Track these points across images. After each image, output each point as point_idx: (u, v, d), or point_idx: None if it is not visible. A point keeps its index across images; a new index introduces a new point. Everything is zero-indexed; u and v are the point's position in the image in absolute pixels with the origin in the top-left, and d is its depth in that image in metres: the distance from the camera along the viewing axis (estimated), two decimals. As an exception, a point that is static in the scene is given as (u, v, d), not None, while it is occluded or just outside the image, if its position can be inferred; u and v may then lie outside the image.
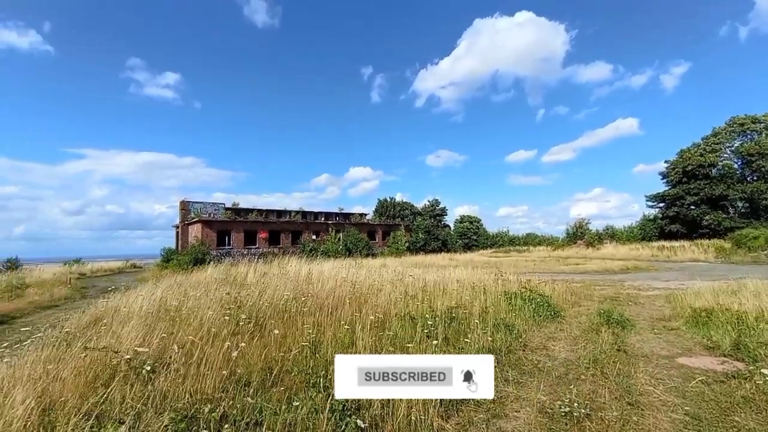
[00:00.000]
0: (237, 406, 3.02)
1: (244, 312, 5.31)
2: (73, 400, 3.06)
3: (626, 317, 7.05)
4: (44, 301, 12.38)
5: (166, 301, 6.71)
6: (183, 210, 34.75)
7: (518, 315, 6.85)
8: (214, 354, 3.80)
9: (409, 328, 5.20)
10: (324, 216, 42.14)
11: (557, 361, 4.83)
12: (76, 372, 3.54)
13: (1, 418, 2.78)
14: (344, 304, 6.03)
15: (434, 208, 52.69)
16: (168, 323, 5.21)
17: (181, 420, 2.61)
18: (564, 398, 3.44)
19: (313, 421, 2.81)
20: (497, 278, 9.91)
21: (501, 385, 3.98)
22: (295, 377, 3.53)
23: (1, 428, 2.69)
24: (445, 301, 6.71)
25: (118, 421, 2.60)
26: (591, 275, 17.47)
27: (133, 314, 5.82)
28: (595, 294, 10.73)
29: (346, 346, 4.39)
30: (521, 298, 7.72)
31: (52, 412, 2.99)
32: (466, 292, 7.89)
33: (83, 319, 6.28)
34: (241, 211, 35.87)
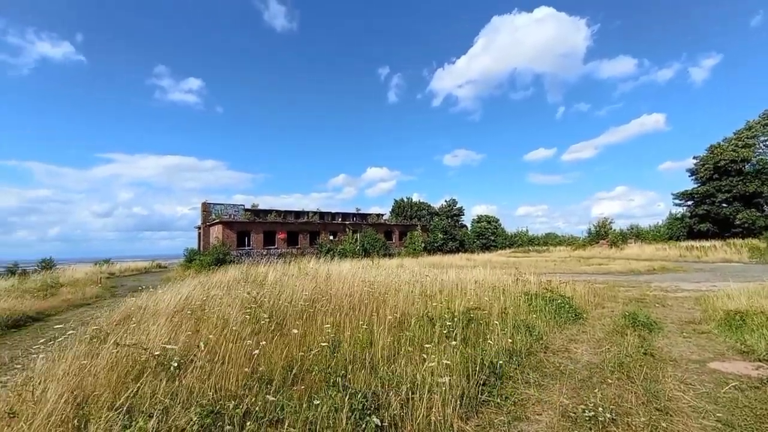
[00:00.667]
0: (259, 404, 3.09)
1: (265, 311, 5.42)
2: (106, 394, 3.21)
3: (653, 320, 6.81)
4: (77, 300, 12.97)
5: (190, 300, 6.92)
6: (204, 211, 35.73)
7: (539, 316, 6.72)
8: (236, 352, 3.90)
9: (428, 328, 5.19)
10: (341, 216, 42.46)
11: (580, 364, 4.72)
12: (109, 367, 3.71)
13: (38, 411, 2.94)
14: (362, 305, 6.07)
15: (451, 208, 52.29)
16: (192, 322, 5.38)
17: (206, 415, 2.69)
18: (588, 402, 3.36)
19: (333, 420, 2.85)
20: (516, 279, 9.75)
21: (522, 387, 3.93)
22: (315, 376, 3.58)
23: (39, 421, 2.84)
24: (464, 301, 6.65)
25: (148, 414, 2.71)
26: (615, 276, 16.94)
27: (160, 313, 6.03)
28: (620, 295, 10.40)
29: (364, 346, 4.42)
30: (542, 299, 7.57)
31: (85, 406, 3.15)
32: (484, 293, 7.79)
33: (114, 316, 6.55)
34: (260, 213, 36.58)
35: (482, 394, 3.65)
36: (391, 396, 3.19)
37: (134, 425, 2.56)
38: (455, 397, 3.28)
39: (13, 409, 3.10)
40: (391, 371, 3.70)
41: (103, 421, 2.65)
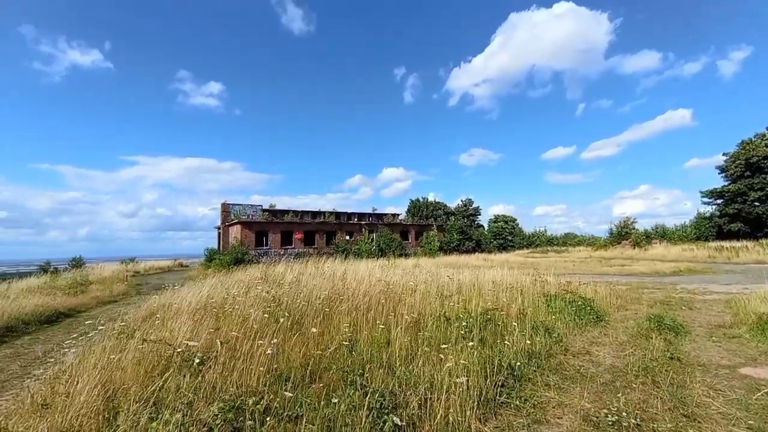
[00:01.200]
0: (278, 400, 3.14)
1: (283, 310, 5.50)
2: (134, 387, 3.33)
3: (680, 323, 6.57)
4: (105, 297, 13.51)
5: (211, 298, 7.10)
6: (224, 212, 36.56)
7: (558, 318, 6.59)
8: (256, 350, 3.98)
9: (444, 328, 5.16)
10: (357, 216, 42.67)
11: (602, 368, 4.60)
12: (136, 362, 3.85)
13: (70, 403, 3.09)
14: (379, 304, 6.09)
15: (467, 208, 51.79)
16: (213, 319, 5.52)
17: (229, 410, 2.76)
18: (611, 407, 3.28)
19: (351, 418, 2.88)
20: (535, 279, 9.58)
21: (541, 390, 3.86)
22: (333, 375, 3.62)
23: (71, 413, 2.98)
24: (481, 302, 6.58)
25: (174, 408, 2.80)
26: (638, 277, 16.41)
27: (183, 310, 6.22)
28: (644, 297, 10.07)
29: (382, 345, 4.43)
30: (561, 301, 7.41)
31: (115, 399, 3.28)
32: (502, 294, 7.69)
33: (140, 313, 6.79)
34: (278, 213, 37.16)
35: (500, 395, 3.61)
36: (409, 395, 3.19)
37: (161, 418, 2.65)
38: (473, 398, 3.26)
39: (46, 401, 3.27)
40: (408, 371, 3.70)
41: (132, 413, 2.76)
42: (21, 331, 8.28)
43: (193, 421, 2.68)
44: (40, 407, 3.17)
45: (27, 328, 8.54)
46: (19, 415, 3.31)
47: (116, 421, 2.82)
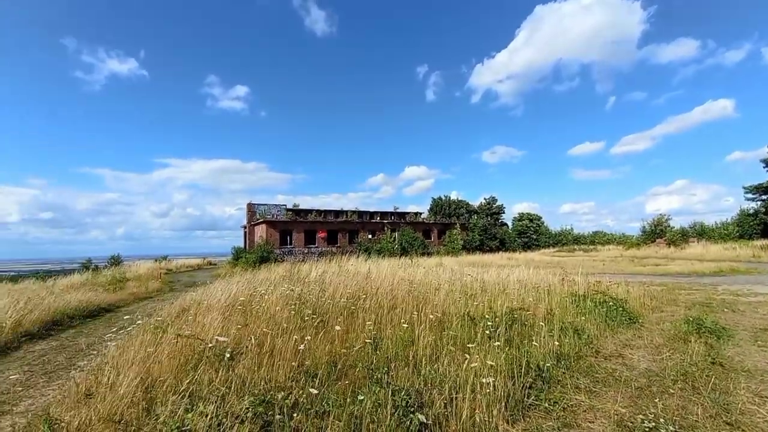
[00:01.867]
0: (305, 396, 3.21)
1: (309, 308, 5.60)
2: (170, 380, 3.49)
3: (722, 326, 6.20)
4: (141, 293, 14.20)
5: (239, 296, 7.32)
6: (249, 212, 37.58)
7: (588, 319, 6.37)
8: (284, 346, 4.08)
9: (469, 328, 5.11)
10: (379, 215, 42.79)
11: (636, 371, 4.41)
12: (171, 356, 4.03)
13: (113, 393, 3.27)
14: (403, 303, 6.09)
15: (491, 206, 50.91)
16: (241, 316, 5.69)
17: (259, 404, 2.85)
18: (647, 412, 3.14)
19: (377, 415, 2.90)
20: (562, 279, 9.31)
21: (571, 392, 3.75)
22: (359, 372, 3.66)
23: (113, 402, 3.16)
24: (506, 301, 6.45)
25: (208, 400, 2.92)
26: (674, 278, 15.61)
27: (213, 307, 6.45)
28: (681, 299, 9.57)
29: (407, 344, 4.43)
30: (591, 301, 7.16)
31: (152, 390, 3.45)
32: (528, 293, 7.52)
33: (173, 309, 7.09)
34: (301, 212, 37.82)
35: (528, 397, 3.54)
36: (434, 394, 3.18)
37: (196, 410, 2.76)
38: (500, 399, 3.20)
39: (90, 391, 3.48)
40: (433, 370, 3.69)
41: (169, 404, 2.89)
42: (66, 324, 8.84)
43: (226, 414, 2.78)
44: (84, 396, 3.37)
45: (71, 322, 9.11)
46: (66, 403, 3.54)
47: (154, 411, 2.96)
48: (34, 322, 7.97)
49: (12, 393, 4.62)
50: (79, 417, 2.98)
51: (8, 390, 4.73)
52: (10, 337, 7.05)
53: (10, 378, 5.18)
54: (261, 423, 2.82)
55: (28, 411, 4.06)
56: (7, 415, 3.99)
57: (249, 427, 2.69)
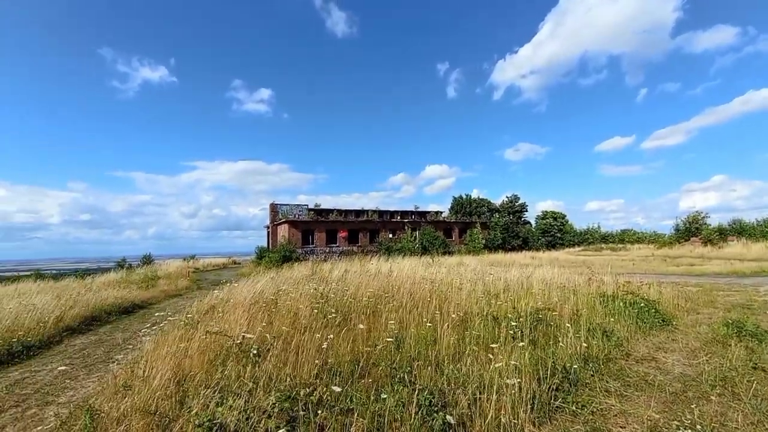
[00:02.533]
0: (329, 393, 3.25)
1: (331, 306, 5.68)
2: (200, 374, 3.63)
3: (764, 329, 5.84)
4: (171, 291, 14.79)
5: (263, 294, 7.50)
6: (272, 212, 38.36)
7: (617, 320, 6.14)
8: (307, 344, 4.15)
9: (492, 328, 5.04)
10: (400, 215, 42.73)
11: (671, 376, 4.22)
12: (201, 351, 4.18)
13: (148, 386, 3.43)
14: (424, 302, 6.07)
15: (513, 204, 49.85)
16: (266, 314, 5.83)
17: (285, 400, 2.92)
18: (683, 418, 3.01)
19: (400, 414, 2.91)
20: (589, 279, 9.01)
21: (600, 396, 3.63)
22: (382, 371, 3.68)
23: (148, 394, 3.31)
24: (530, 301, 6.32)
25: (237, 395, 3.01)
26: (711, 278, 14.81)
27: (239, 305, 6.63)
28: (719, 300, 9.07)
29: (429, 343, 4.42)
30: (620, 302, 6.90)
31: (184, 383, 3.59)
32: (553, 293, 7.33)
33: (202, 307, 7.34)
34: (323, 212, 38.27)
35: (555, 399, 3.45)
36: (458, 394, 3.16)
37: (225, 403, 2.86)
38: (526, 400, 3.14)
39: (127, 383, 3.65)
40: (456, 369, 3.66)
41: (201, 397, 3.00)
42: (103, 320, 9.32)
43: (254, 408, 2.86)
44: (122, 388, 3.55)
45: (108, 317, 9.60)
46: (105, 394, 3.74)
47: (187, 404, 3.08)
48: (75, 318, 8.45)
49: (55, 384, 4.92)
50: (118, 408, 3.14)
51: (51, 381, 5.04)
52: (53, 332, 7.50)
53: (53, 370, 5.52)
54: (287, 418, 2.88)
55: (70, 402, 4.31)
56: (51, 405, 4.25)
57: (276, 422, 2.76)
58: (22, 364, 5.93)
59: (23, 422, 3.82)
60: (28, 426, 3.73)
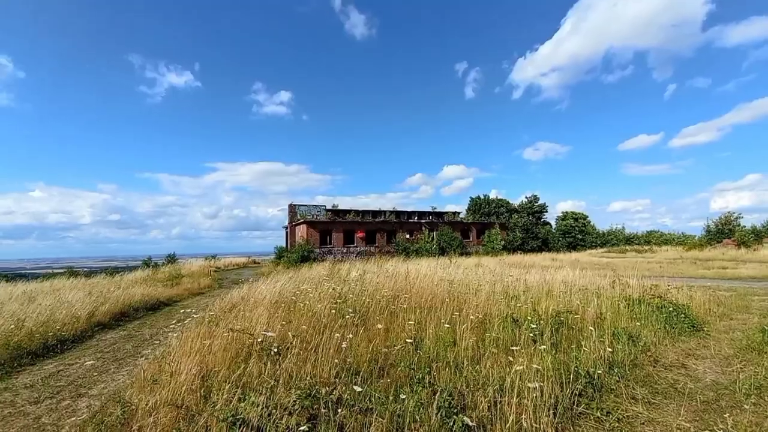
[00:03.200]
0: (349, 392, 3.28)
1: (349, 306, 5.71)
2: (223, 371, 3.72)
3: (805, 337, 5.52)
4: (194, 289, 15.21)
5: (282, 293, 7.62)
6: (291, 212, 38.95)
7: (644, 325, 5.94)
8: (327, 343, 4.20)
9: (512, 330, 4.96)
10: (417, 215, 42.58)
11: (702, 383, 4.05)
12: (223, 348, 4.29)
13: (175, 380, 3.54)
14: (442, 303, 6.03)
15: (532, 205, 48.86)
16: (285, 313, 5.92)
17: (305, 398, 2.96)
18: (715, 428, 2.88)
19: (420, 415, 2.90)
20: (613, 281, 8.75)
21: (627, 403, 3.52)
22: (401, 372, 3.68)
23: (175, 389, 3.42)
24: (551, 304, 6.18)
25: (258, 392, 3.08)
26: (745, 282, 14.10)
27: (259, 303, 6.77)
28: (754, 305, 8.63)
29: (448, 344, 4.39)
30: (647, 306, 6.67)
31: (208, 379, 3.69)
32: (575, 296, 7.15)
33: (224, 305, 7.52)
34: (340, 212, 38.57)
35: (578, 405, 3.37)
36: (477, 397, 3.13)
37: (248, 399, 2.93)
38: (548, 405, 3.08)
39: (155, 378, 3.79)
40: (476, 372, 3.62)
41: (224, 393, 3.09)
42: (132, 316, 9.69)
43: (275, 405, 2.91)
44: (150, 382, 3.69)
45: (136, 314, 9.98)
46: (135, 388, 3.89)
47: (211, 398, 3.17)
48: (105, 314, 8.82)
49: (87, 377, 5.16)
50: (147, 401, 3.27)
51: (84, 374, 5.28)
52: (85, 327, 7.86)
53: (85, 364, 5.78)
54: (307, 416, 2.93)
55: (101, 394, 4.51)
56: (84, 397, 4.46)
57: (297, 419, 2.81)
58: (56, 357, 6.24)
59: (57, 413, 4.02)
60: (62, 417, 3.93)
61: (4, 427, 3.70)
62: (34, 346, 6.30)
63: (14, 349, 5.95)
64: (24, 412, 4.07)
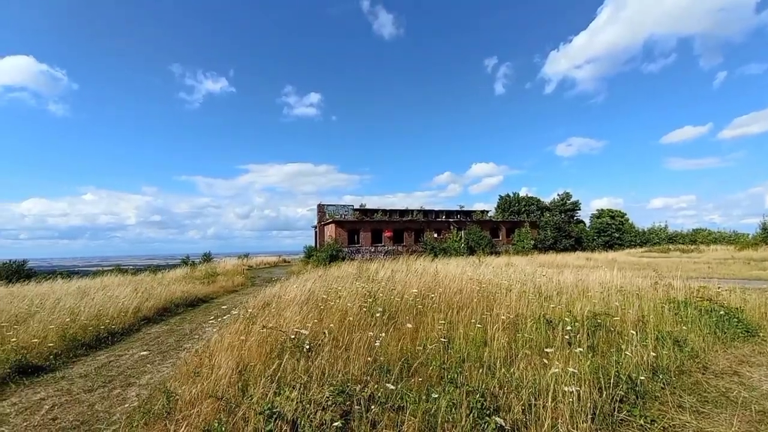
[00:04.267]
0: (381, 390, 3.31)
1: (379, 305, 5.76)
2: (258, 366, 3.87)
3: None
4: (228, 287, 15.86)
5: (313, 292, 7.79)
6: (320, 212, 39.69)
7: (691, 329, 5.57)
8: (358, 342, 4.26)
9: (545, 331, 4.82)
10: (445, 214, 42.16)
11: (758, 392, 3.76)
12: (258, 344, 4.45)
13: (214, 374, 3.72)
14: (472, 303, 5.95)
15: (565, 203, 47.09)
16: (316, 311, 6.06)
17: (338, 394, 3.02)
18: (775, 441, 2.67)
19: (452, 415, 2.88)
20: (655, 282, 8.27)
21: (673, 411, 3.33)
22: (432, 371, 3.67)
23: (215, 381, 3.59)
24: (587, 305, 5.94)
25: (293, 387, 3.17)
26: (808, 284, 12.88)
27: (290, 301, 6.96)
28: (819, 310, 7.87)
29: (479, 344, 4.33)
30: (694, 309, 6.25)
31: (245, 374, 3.85)
32: (613, 297, 6.83)
33: (257, 302, 7.79)
34: (368, 212, 38.85)
35: (619, 411, 3.22)
36: (511, 399, 3.07)
37: (283, 394, 3.02)
38: (586, 410, 2.97)
39: (197, 370, 3.99)
40: (509, 373, 3.55)
41: (260, 387, 3.21)
42: (173, 311, 10.25)
43: (309, 401, 2.99)
44: (192, 374, 3.89)
45: (177, 309, 10.54)
46: (178, 379, 4.12)
47: (248, 392, 3.30)
48: (150, 309, 9.38)
49: (135, 368, 5.51)
50: (189, 392, 3.45)
51: (132, 365, 5.65)
52: (132, 320, 8.39)
53: (134, 355, 6.18)
54: (340, 412, 2.98)
55: (149, 384, 4.81)
56: (133, 386, 4.77)
57: (330, 414, 2.87)
58: (107, 348, 6.71)
59: (109, 401, 4.32)
60: (113, 404, 4.22)
61: (62, 414, 4.03)
62: (87, 338, 6.80)
63: (70, 340, 6.45)
64: (79, 399, 4.41)
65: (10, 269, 21.71)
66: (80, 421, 3.82)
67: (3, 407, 4.22)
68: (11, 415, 4.02)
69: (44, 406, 4.21)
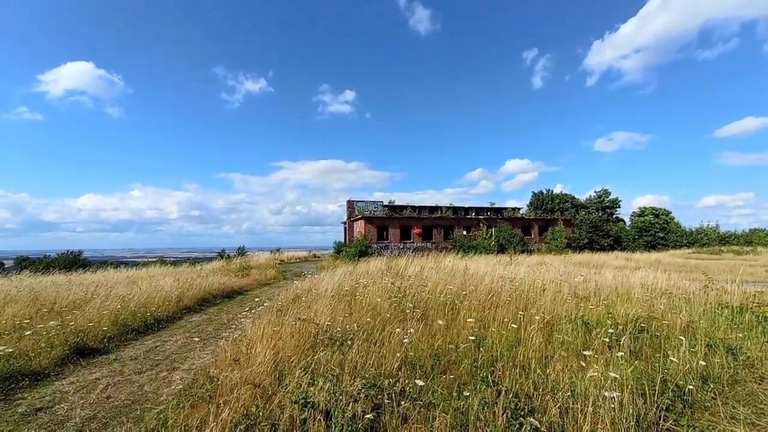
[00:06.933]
0: (411, 386, 3.32)
1: (409, 301, 5.77)
2: (293, 357, 3.99)
3: None
4: (262, 280, 16.45)
5: (342, 286, 7.93)
6: (349, 208, 40.19)
7: (747, 336, 5.16)
8: (389, 337, 4.29)
9: (582, 334, 4.63)
10: (475, 211, 41.42)
11: (826, 409, 3.42)
12: (291, 336, 4.59)
13: (252, 362, 3.88)
14: (505, 302, 5.82)
15: (602, 200, 44.91)
16: (346, 305, 6.16)
17: (370, 387, 3.06)
18: None
19: (484, 414, 2.85)
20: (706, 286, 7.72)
21: (725, 423, 3.10)
22: (464, 369, 3.64)
23: (252, 369, 3.74)
24: (630, 308, 5.65)
25: (326, 378, 3.25)
26: None
27: (321, 295, 7.12)
28: None
29: (512, 344, 4.24)
30: (751, 315, 5.78)
31: (280, 364, 3.99)
32: (657, 300, 6.45)
33: (289, 295, 8.04)
34: (397, 208, 38.90)
35: (665, 420, 3.05)
36: (547, 401, 2.98)
37: (316, 384, 3.11)
38: (628, 417, 2.84)
39: (236, 358, 4.18)
40: (544, 375, 3.45)
41: (295, 377, 3.31)
42: (211, 302, 10.78)
43: (342, 392, 3.06)
44: (232, 362, 4.07)
45: (215, 300, 11.08)
46: (218, 365, 4.33)
47: (284, 381, 3.42)
48: (191, 299, 9.92)
49: (179, 353, 5.85)
50: (229, 378, 3.62)
51: (176, 351, 6.00)
52: (175, 309, 8.90)
53: (177, 341, 6.56)
54: (372, 405, 3.03)
55: (191, 369, 5.09)
56: (178, 370, 5.07)
57: (362, 407, 2.92)
58: (154, 334, 7.16)
59: (157, 383, 4.62)
60: (160, 387, 4.51)
61: (115, 393, 4.35)
62: (136, 323, 7.30)
63: (121, 325, 6.95)
64: (130, 380, 4.75)
65: (68, 259, 23.71)
66: (131, 401, 4.12)
67: (63, 385, 4.62)
68: (70, 393, 4.40)
69: (99, 386, 4.57)
